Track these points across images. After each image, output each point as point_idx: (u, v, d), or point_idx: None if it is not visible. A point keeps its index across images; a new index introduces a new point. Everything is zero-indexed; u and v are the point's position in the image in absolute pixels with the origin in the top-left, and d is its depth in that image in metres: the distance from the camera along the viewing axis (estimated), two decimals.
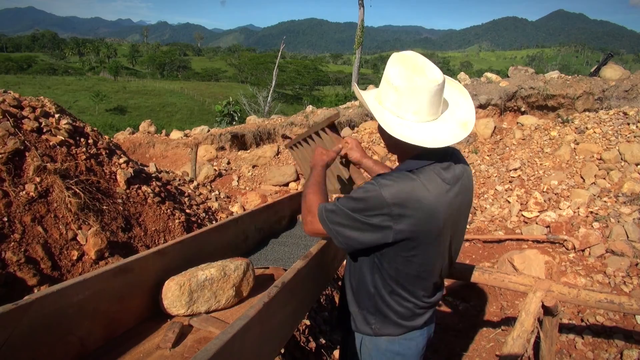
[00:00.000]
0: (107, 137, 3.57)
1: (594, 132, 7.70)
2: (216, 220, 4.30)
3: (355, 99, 14.00)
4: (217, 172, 10.10)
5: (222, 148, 12.48)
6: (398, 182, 1.38)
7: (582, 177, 6.73)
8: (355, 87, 1.65)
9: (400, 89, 1.39)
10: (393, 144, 1.50)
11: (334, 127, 2.17)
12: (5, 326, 1.05)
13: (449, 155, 1.51)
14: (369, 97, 1.54)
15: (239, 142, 12.93)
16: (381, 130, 1.51)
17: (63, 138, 2.66)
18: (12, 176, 2.19)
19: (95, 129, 3.37)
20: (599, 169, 6.72)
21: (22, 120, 2.55)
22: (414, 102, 1.40)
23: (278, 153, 11.00)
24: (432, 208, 1.41)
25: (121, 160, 3.12)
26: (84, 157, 2.74)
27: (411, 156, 1.47)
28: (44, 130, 2.61)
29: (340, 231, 1.46)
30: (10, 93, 2.88)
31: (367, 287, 1.62)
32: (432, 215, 1.42)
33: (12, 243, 1.99)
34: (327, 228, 1.50)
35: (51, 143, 2.57)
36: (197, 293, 1.56)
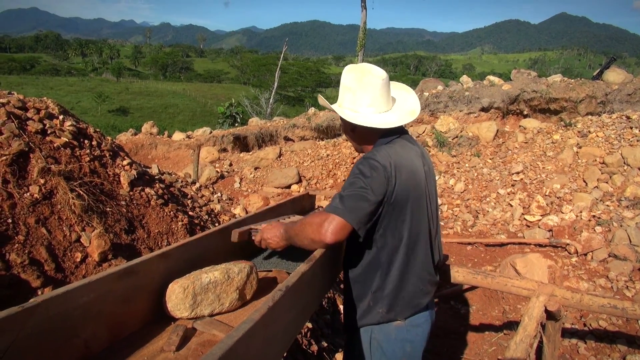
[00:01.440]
0: (109, 138, 3.58)
1: (597, 135, 7.70)
2: (219, 223, 4.31)
3: None
4: (219, 174, 10.11)
5: (224, 150, 12.50)
6: (380, 151, 1.63)
7: (584, 181, 6.72)
8: (320, 97, 1.91)
9: (353, 88, 1.73)
10: (358, 138, 1.82)
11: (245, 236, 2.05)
12: (11, 328, 1.05)
13: (406, 135, 1.83)
14: (333, 104, 1.85)
15: (241, 144, 12.95)
16: (347, 132, 1.87)
17: (67, 140, 2.67)
18: (16, 178, 2.20)
19: (98, 130, 3.38)
20: (602, 173, 6.72)
21: (27, 122, 2.56)
22: (366, 96, 1.71)
23: (280, 155, 11.01)
24: (413, 167, 1.69)
25: (125, 162, 3.13)
26: (88, 158, 2.75)
27: (379, 138, 1.76)
28: (48, 131, 2.62)
29: (357, 214, 1.52)
30: (14, 94, 2.89)
31: (373, 270, 1.72)
32: (414, 173, 1.69)
33: (17, 245, 2.00)
34: (349, 217, 1.51)
35: (55, 145, 2.58)
36: (201, 296, 1.56)
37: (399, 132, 1.78)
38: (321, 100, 1.88)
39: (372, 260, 1.72)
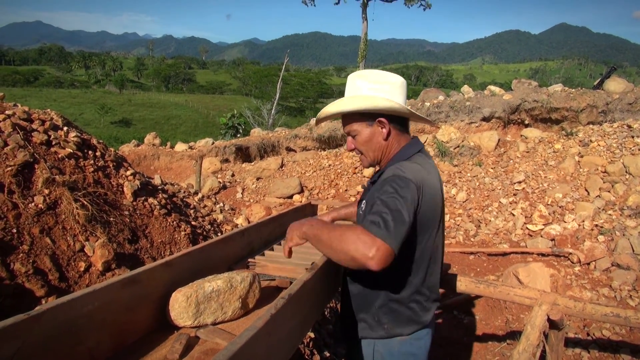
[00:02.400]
0: (112, 149, 3.61)
1: (598, 145, 7.71)
2: (221, 232, 4.32)
3: None
4: (221, 184, 10.13)
5: (227, 160, 12.53)
6: (410, 167, 1.56)
7: (586, 190, 6.72)
8: (348, 101, 1.68)
9: (388, 83, 1.63)
10: (376, 149, 1.69)
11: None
12: (17, 336, 1.06)
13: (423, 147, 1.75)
14: (360, 99, 1.64)
15: (243, 155, 12.99)
16: (372, 131, 1.67)
17: (71, 150, 2.70)
18: (21, 188, 2.22)
19: (101, 141, 3.41)
20: (604, 182, 6.72)
21: (32, 133, 2.59)
22: (402, 93, 1.67)
23: (282, 165, 11.04)
24: (435, 188, 1.63)
25: (128, 173, 3.15)
26: (92, 169, 2.77)
27: (404, 144, 1.70)
28: (53, 142, 2.65)
29: (399, 238, 1.39)
30: (19, 107, 2.92)
31: (378, 287, 1.67)
32: (437, 190, 1.64)
33: (21, 254, 2.02)
34: (395, 245, 1.38)
35: (60, 155, 2.60)
36: (204, 304, 1.57)
37: (420, 144, 1.74)
38: (344, 103, 1.66)
39: (381, 277, 1.60)
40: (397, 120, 1.69)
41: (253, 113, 31.25)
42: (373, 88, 1.62)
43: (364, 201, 1.73)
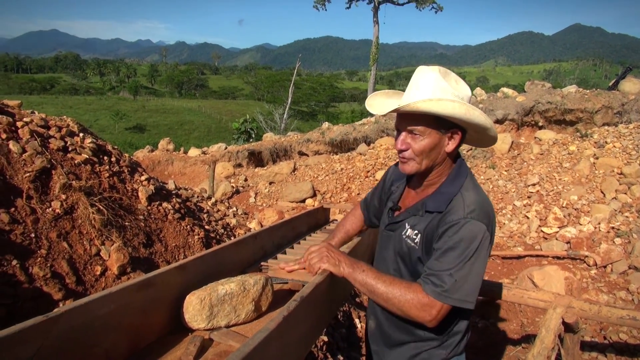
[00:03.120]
0: (127, 155, 3.66)
1: (614, 146, 7.61)
2: (234, 236, 4.35)
3: (370, 115, 14.00)
4: (234, 189, 10.20)
5: (240, 165, 12.61)
6: (478, 197, 1.48)
7: (602, 192, 6.64)
8: (415, 104, 1.42)
9: (467, 97, 1.50)
10: (440, 161, 1.53)
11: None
12: (36, 337, 1.09)
13: None
14: (459, 105, 1.43)
15: (256, 159, 13.06)
16: (440, 138, 1.49)
17: (87, 156, 2.75)
18: (39, 193, 2.27)
19: (116, 147, 3.47)
20: (620, 184, 6.63)
21: (49, 140, 2.64)
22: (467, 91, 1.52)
23: (294, 169, 11.07)
24: (494, 215, 1.52)
25: (142, 178, 3.20)
26: (107, 174, 2.82)
27: (454, 165, 1.59)
28: (70, 149, 2.70)
29: (467, 291, 1.40)
30: (36, 114, 2.99)
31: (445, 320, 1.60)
32: (494, 223, 1.52)
33: (39, 258, 2.06)
34: (460, 302, 1.39)
35: (76, 161, 2.65)
36: (217, 307, 1.59)
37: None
38: (441, 104, 1.40)
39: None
40: (465, 135, 1.55)
41: (265, 118, 31.41)
42: (457, 95, 1.45)
43: (417, 232, 1.56)
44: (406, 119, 1.48)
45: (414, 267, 1.59)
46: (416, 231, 1.55)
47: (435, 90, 1.44)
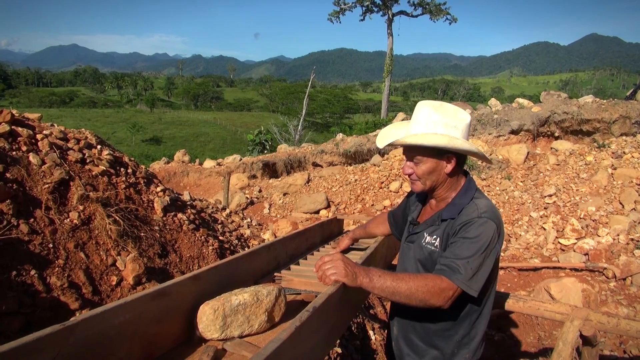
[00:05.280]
0: (143, 166, 3.72)
1: (632, 156, 7.50)
2: (248, 247, 4.37)
3: (384, 126, 13.92)
4: (249, 200, 10.25)
5: (254, 176, 12.69)
6: (487, 205, 1.69)
7: (621, 203, 6.53)
8: (414, 137, 1.71)
9: (460, 127, 1.69)
10: (446, 180, 1.77)
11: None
12: (52, 346, 1.11)
13: None
14: (441, 137, 1.67)
15: (270, 170, 13.12)
16: (437, 163, 1.73)
17: (105, 168, 2.80)
18: (57, 204, 2.32)
19: (132, 159, 3.52)
20: (639, 195, 6.51)
21: (67, 152, 2.69)
22: (468, 134, 1.75)
23: (309, 181, 11.10)
24: (502, 221, 1.71)
25: (158, 189, 3.24)
26: (124, 185, 2.86)
27: (463, 182, 1.81)
28: (87, 160, 2.75)
29: (479, 281, 1.58)
30: (55, 126, 3.05)
31: (462, 321, 1.76)
32: (503, 227, 1.71)
33: (57, 268, 2.09)
34: (472, 290, 1.56)
35: (94, 173, 2.70)
36: (231, 317, 1.60)
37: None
38: (426, 137, 1.67)
39: (465, 312, 1.76)
40: (461, 157, 1.77)
41: (280, 129, 31.56)
42: (448, 124, 1.68)
43: (436, 237, 1.76)
44: (407, 149, 1.77)
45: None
46: (435, 236, 1.77)
47: (428, 123, 1.69)
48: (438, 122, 1.68)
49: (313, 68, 37.06)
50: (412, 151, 1.75)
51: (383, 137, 1.89)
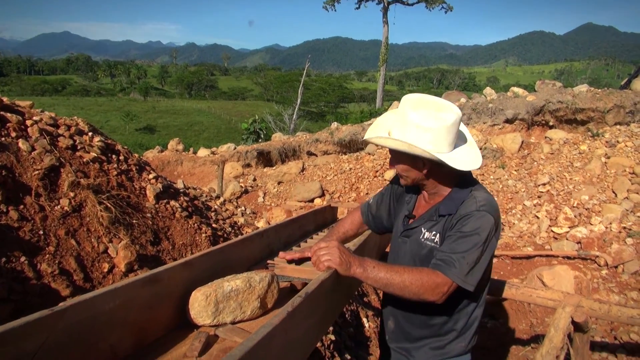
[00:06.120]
0: (136, 155, 3.69)
1: (626, 145, 7.53)
2: (242, 235, 4.35)
3: (379, 114, 13.87)
4: (243, 189, 10.23)
5: (248, 165, 12.65)
6: (485, 198, 1.64)
7: (614, 192, 6.56)
8: (378, 139, 1.70)
9: (434, 128, 1.56)
10: (434, 177, 1.71)
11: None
12: (41, 331, 1.10)
13: None
14: (400, 143, 1.60)
15: (265, 159, 13.09)
16: (414, 165, 1.68)
17: (96, 155, 2.77)
18: (48, 191, 2.29)
19: (125, 147, 3.49)
20: (632, 183, 6.55)
21: (58, 138, 2.66)
22: (448, 136, 1.59)
23: (303, 169, 11.08)
24: (499, 213, 1.68)
25: (150, 176, 3.22)
26: (115, 173, 2.84)
27: (458, 179, 1.72)
28: (78, 147, 2.72)
29: (476, 275, 1.56)
30: (46, 113, 3.01)
31: (460, 312, 1.75)
32: (500, 220, 1.70)
33: (47, 255, 2.07)
34: (468, 285, 1.54)
35: (85, 159, 2.67)
36: (223, 304, 1.59)
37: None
38: (388, 141, 1.64)
39: (463, 302, 1.74)
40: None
41: (275, 118, 31.46)
42: (421, 126, 1.57)
43: (435, 233, 1.71)
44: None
45: None
46: (434, 232, 1.72)
47: (402, 120, 1.62)
48: (410, 124, 1.59)
49: (308, 57, 36.90)
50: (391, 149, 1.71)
51: (369, 130, 1.81)
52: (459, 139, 1.69)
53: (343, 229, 2.21)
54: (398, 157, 1.70)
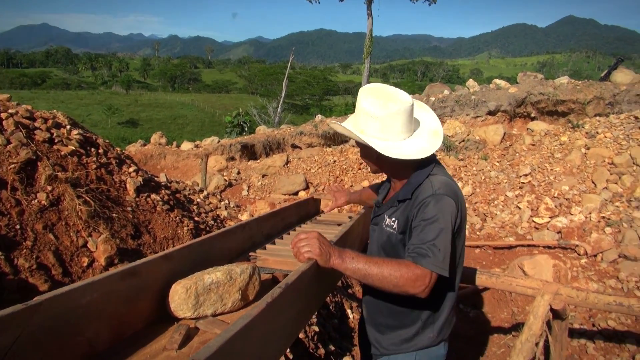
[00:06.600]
0: (118, 149, 3.64)
1: (605, 136, 7.64)
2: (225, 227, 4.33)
3: None
4: (227, 182, 10.17)
5: (232, 158, 12.57)
6: (442, 182, 1.63)
7: (593, 182, 6.67)
8: (335, 124, 1.76)
9: (379, 116, 1.62)
10: (388, 164, 1.72)
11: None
12: (15, 325, 1.08)
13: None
14: (351, 129, 1.70)
15: (249, 152, 13.02)
16: (366, 154, 1.76)
17: (74, 148, 2.72)
18: (24, 185, 2.25)
19: (107, 140, 3.44)
20: (611, 174, 6.66)
21: (34, 131, 2.61)
22: (395, 125, 1.63)
23: (287, 162, 11.06)
24: (462, 195, 1.69)
25: (131, 170, 3.18)
26: (95, 166, 2.79)
27: (416, 165, 1.71)
28: (56, 140, 2.67)
29: (448, 261, 1.53)
30: (22, 106, 2.95)
31: (426, 302, 1.67)
32: (463, 202, 1.69)
33: (24, 250, 2.04)
34: (445, 270, 1.51)
35: (62, 153, 2.63)
36: (204, 296, 1.58)
37: (433, 155, 1.75)
38: (338, 127, 1.73)
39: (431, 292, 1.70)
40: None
41: (259, 111, 31.29)
42: (371, 115, 1.63)
43: (394, 219, 1.73)
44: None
45: (397, 251, 1.70)
46: (393, 218, 1.73)
47: (359, 110, 1.68)
48: (361, 112, 1.66)
49: (292, 49, 36.64)
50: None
51: (336, 125, 1.82)
52: (416, 128, 1.73)
53: (367, 193, 2.52)
54: (359, 145, 1.76)
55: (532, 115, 11.75)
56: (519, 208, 6.72)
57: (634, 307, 2.28)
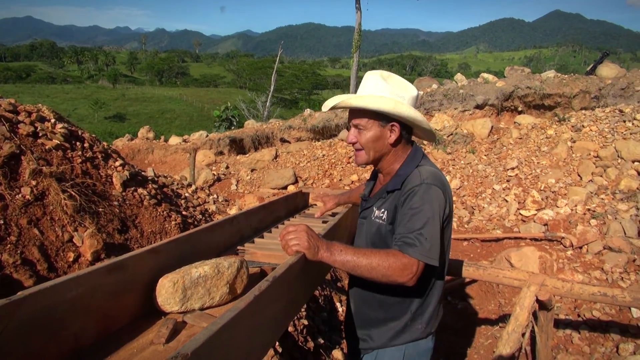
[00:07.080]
0: (105, 143, 3.60)
1: (591, 130, 7.73)
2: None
3: None
4: (215, 177, 10.12)
5: (221, 153, 12.51)
6: (430, 172, 1.65)
7: (579, 175, 6.75)
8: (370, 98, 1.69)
9: (405, 96, 1.68)
10: (398, 143, 1.74)
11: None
12: None
13: None
14: (382, 100, 1.66)
15: (238, 147, 12.97)
16: (380, 131, 1.71)
17: (59, 142, 2.69)
18: (8, 180, 2.22)
19: (94, 135, 3.40)
20: (596, 167, 6.74)
21: (18, 125, 2.57)
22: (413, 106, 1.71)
23: (276, 156, 11.03)
24: (449, 186, 1.70)
25: (117, 164, 3.15)
26: (80, 160, 2.76)
27: (409, 152, 1.77)
28: (40, 134, 2.64)
29: (436, 250, 1.53)
30: (5, 99, 2.91)
31: (415, 291, 1.70)
32: (451, 193, 1.70)
33: (9, 245, 2.01)
34: (432, 260, 1.51)
35: (47, 147, 2.59)
36: (191, 290, 1.57)
37: (421, 149, 1.81)
38: (376, 102, 1.66)
39: (418, 283, 1.66)
40: (406, 129, 1.74)
41: (248, 106, 31.14)
42: (395, 93, 1.66)
43: (384, 210, 1.73)
44: (352, 116, 1.73)
45: (386, 242, 1.70)
46: (382, 209, 1.74)
47: (375, 90, 1.68)
48: (385, 90, 1.66)
49: (281, 43, 36.43)
50: (357, 117, 1.71)
51: (329, 102, 1.81)
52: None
53: (356, 194, 2.45)
54: (368, 124, 1.70)
55: (519, 109, 11.83)
56: (506, 201, 6.78)
57: (618, 298, 2.32)
